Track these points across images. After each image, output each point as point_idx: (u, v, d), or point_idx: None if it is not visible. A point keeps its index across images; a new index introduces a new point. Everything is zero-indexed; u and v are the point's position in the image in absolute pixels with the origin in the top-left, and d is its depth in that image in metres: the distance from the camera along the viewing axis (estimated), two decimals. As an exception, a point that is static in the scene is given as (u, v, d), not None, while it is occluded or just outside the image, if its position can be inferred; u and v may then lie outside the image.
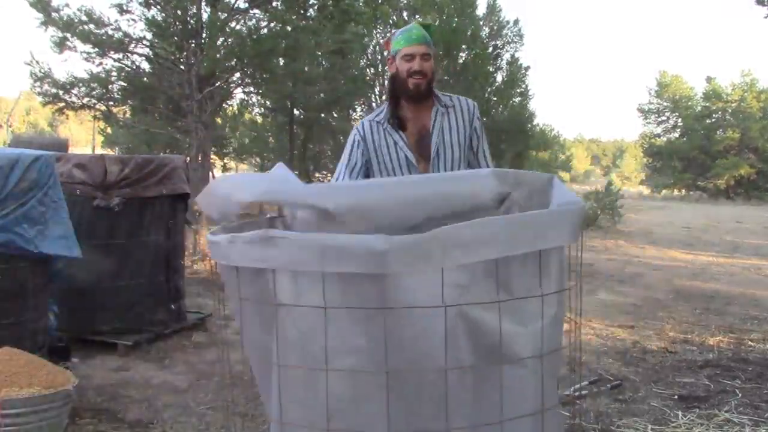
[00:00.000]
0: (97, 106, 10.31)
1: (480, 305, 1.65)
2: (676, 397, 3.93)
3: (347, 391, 1.67)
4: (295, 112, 14.84)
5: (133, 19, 9.45)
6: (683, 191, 39.42)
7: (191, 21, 8.94)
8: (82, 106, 10.18)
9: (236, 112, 17.75)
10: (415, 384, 1.65)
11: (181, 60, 9.20)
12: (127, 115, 13.31)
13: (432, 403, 1.66)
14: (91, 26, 8.83)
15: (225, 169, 25.84)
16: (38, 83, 9.66)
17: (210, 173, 14.15)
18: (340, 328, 1.65)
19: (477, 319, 1.67)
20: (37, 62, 9.50)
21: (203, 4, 8.93)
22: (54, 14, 8.72)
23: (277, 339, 1.71)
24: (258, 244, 1.66)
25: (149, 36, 9.67)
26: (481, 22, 20.54)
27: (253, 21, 10.25)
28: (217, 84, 9.32)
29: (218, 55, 8.77)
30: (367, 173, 2.59)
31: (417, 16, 18.61)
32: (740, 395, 3.91)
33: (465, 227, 1.64)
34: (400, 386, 1.65)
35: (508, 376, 1.70)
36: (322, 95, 13.86)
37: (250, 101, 16.10)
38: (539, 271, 1.69)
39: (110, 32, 9.03)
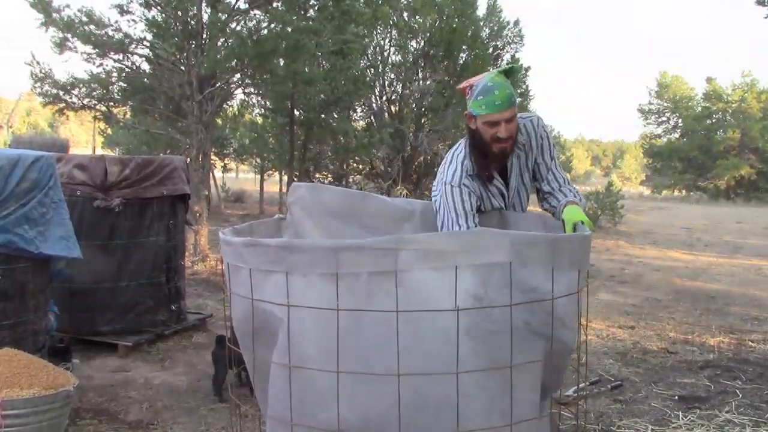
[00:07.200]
0: (98, 107, 10.30)
1: (492, 308, 1.65)
2: (676, 397, 3.93)
3: (360, 392, 1.67)
4: (296, 112, 14.83)
5: (133, 20, 9.43)
6: (683, 192, 39.43)
7: (192, 22, 8.92)
8: (83, 107, 10.16)
9: (236, 112, 17.74)
10: (427, 387, 1.65)
11: (182, 61, 9.18)
12: (128, 116, 13.30)
13: (442, 406, 1.66)
14: (92, 27, 8.80)
15: (225, 169, 25.85)
16: (39, 84, 9.64)
17: (210, 174, 14.17)
18: (351, 329, 1.65)
19: (490, 322, 1.67)
20: (38, 63, 9.49)
21: (204, 5, 8.91)
22: (54, 15, 8.70)
23: (289, 340, 1.71)
24: (278, 250, 1.68)
25: (150, 37, 9.65)
26: (482, 23, 20.52)
27: (254, 22, 10.23)
28: (217, 85, 9.31)
29: (219, 56, 8.75)
30: None
31: (417, 17, 18.54)
32: (741, 396, 3.91)
33: (478, 230, 1.64)
34: (411, 389, 1.65)
35: (519, 379, 1.69)
36: (322, 96, 13.84)
37: (251, 102, 16.10)
38: (551, 273, 1.69)
39: (111, 33, 9.01)
